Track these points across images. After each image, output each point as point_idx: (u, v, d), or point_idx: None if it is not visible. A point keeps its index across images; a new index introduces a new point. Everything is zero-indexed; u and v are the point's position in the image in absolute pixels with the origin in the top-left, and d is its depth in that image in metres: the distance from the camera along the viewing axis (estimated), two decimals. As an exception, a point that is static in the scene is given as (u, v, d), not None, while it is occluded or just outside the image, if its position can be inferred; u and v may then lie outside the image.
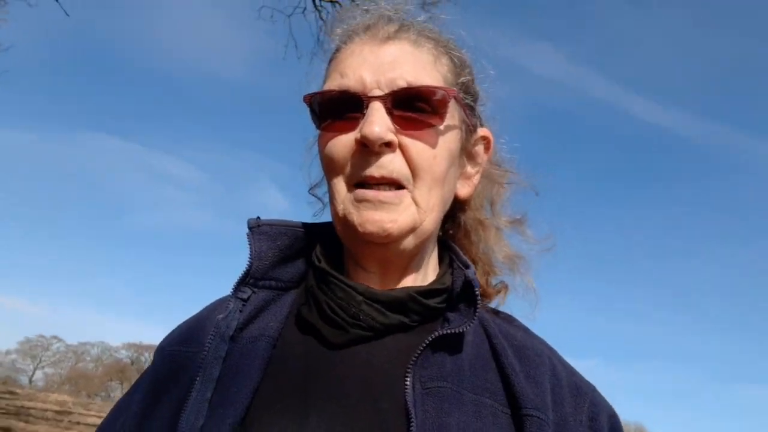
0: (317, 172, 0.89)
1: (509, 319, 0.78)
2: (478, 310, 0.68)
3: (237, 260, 0.77)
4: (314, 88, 0.75)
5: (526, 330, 0.77)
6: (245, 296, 0.72)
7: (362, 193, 0.68)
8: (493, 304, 0.83)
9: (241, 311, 0.71)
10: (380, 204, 0.67)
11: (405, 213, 0.67)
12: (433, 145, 0.69)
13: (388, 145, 0.67)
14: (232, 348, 0.68)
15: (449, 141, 0.71)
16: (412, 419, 0.59)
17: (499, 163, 0.85)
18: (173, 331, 0.79)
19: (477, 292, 0.69)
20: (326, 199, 0.88)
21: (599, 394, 0.73)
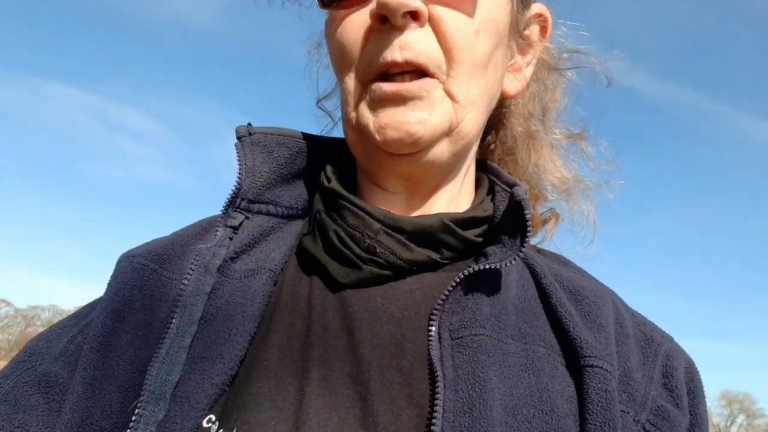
0: (327, 80, 0.71)
1: (560, 260, 0.62)
2: (527, 239, 0.52)
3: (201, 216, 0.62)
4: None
5: (582, 272, 0.60)
6: (236, 223, 0.55)
7: (379, 87, 0.50)
8: (536, 240, 0.66)
9: (231, 239, 0.54)
10: (403, 100, 0.50)
11: (437, 110, 0.50)
12: (475, 18, 0.51)
13: (414, 17, 0.49)
14: (221, 282, 0.52)
15: (496, 12, 0.53)
16: (438, 377, 0.44)
17: (557, 55, 0.66)
18: (142, 246, 0.60)
19: (527, 215, 0.52)
20: (338, 115, 0.70)
21: (676, 345, 0.56)
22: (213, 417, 0.43)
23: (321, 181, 0.57)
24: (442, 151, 0.53)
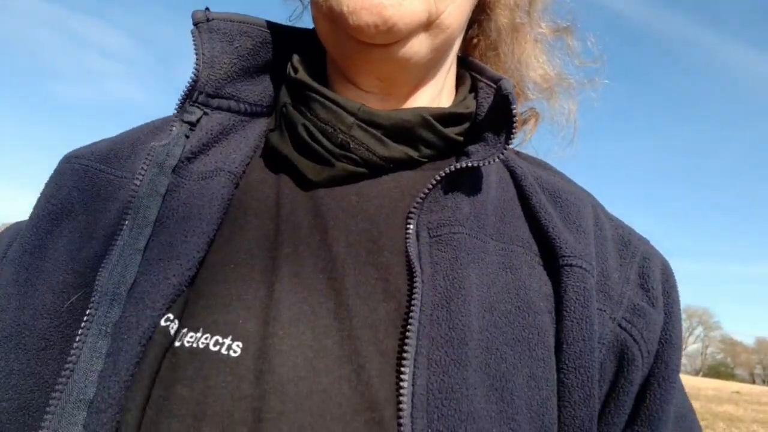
0: None
1: (541, 164, 0.59)
2: (513, 135, 0.48)
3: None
4: None
5: (562, 175, 0.58)
6: (193, 118, 0.50)
7: None
8: (515, 143, 0.63)
9: (187, 137, 0.50)
10: None
11: None
12: None
13: None
14: (177, 184, 0.48)
15: None
16: (416, 273, 0.42)
17: None
18: (87, 146, 0.54)
19: (514, 109, 0.48)
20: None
21: (652, 247, 0.55)
22: (171, 316, 0.41)
23: (288, 72, 0.52)
24: (420, 45, 0.48)
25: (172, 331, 0.40)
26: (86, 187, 0.49)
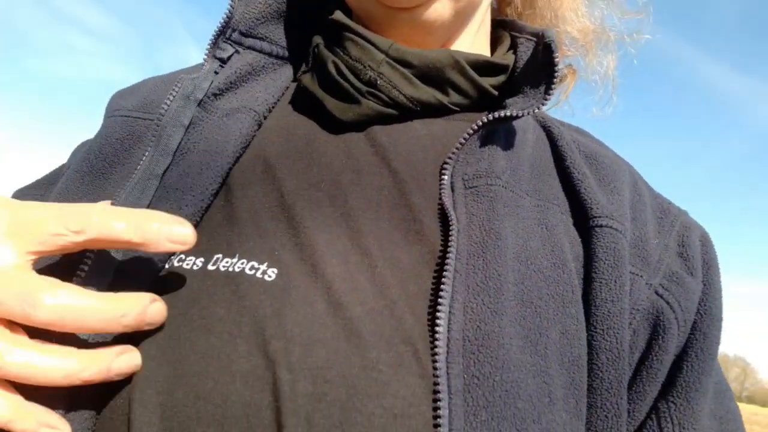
0: None
1: (580, 131, 0.57)
2: (554, 86, 0.46)
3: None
4: None
5: (600, 143, 0.56)
6: (224, 55, 0.50)
7: None
8: (551, 102, 0.61)
9: (216, 73, 0.49)
10: None
11: None
12: None
13: None
14: (201, 118, 0.47)
15: None
16: (452, 223, 0.40)
17: None
18: (128, 90, 0.55)
19: (556, 58, 0.46)
20: None
21: (692, 218, 0.53)
22: None
23: (325, 15, 0.51)
24: (443, 8, 0.47)
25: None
26: (127, 137, 0.50)
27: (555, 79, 0.46)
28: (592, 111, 0.61)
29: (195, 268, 0.39)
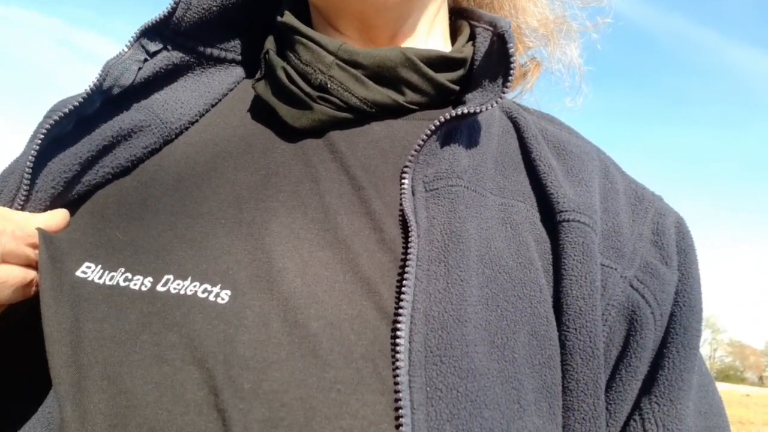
0: None
1: (549, 118, 0.55)
2: (510, 77, 0.44)
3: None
4: None
5: (570, 129, 0.54)
6: (152, 49, 0.48)
7: None
8: (514, 94, 0.59)
9: (140, 68, 0.47)
10: None
11: None
12: None
13: None
14: (116, 107, 0.47)
15: None
16: (411, 227, 0.39)
17: None
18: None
19: (511, 48, 0.44)
20: None
21: (667, 204, 0.51)
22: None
23: (276, 19, 0.50)
24: None
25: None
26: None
27: (511, 72, 0.44)
28: (563, 102, 0.59)
29: (143, 288, 0.38)
